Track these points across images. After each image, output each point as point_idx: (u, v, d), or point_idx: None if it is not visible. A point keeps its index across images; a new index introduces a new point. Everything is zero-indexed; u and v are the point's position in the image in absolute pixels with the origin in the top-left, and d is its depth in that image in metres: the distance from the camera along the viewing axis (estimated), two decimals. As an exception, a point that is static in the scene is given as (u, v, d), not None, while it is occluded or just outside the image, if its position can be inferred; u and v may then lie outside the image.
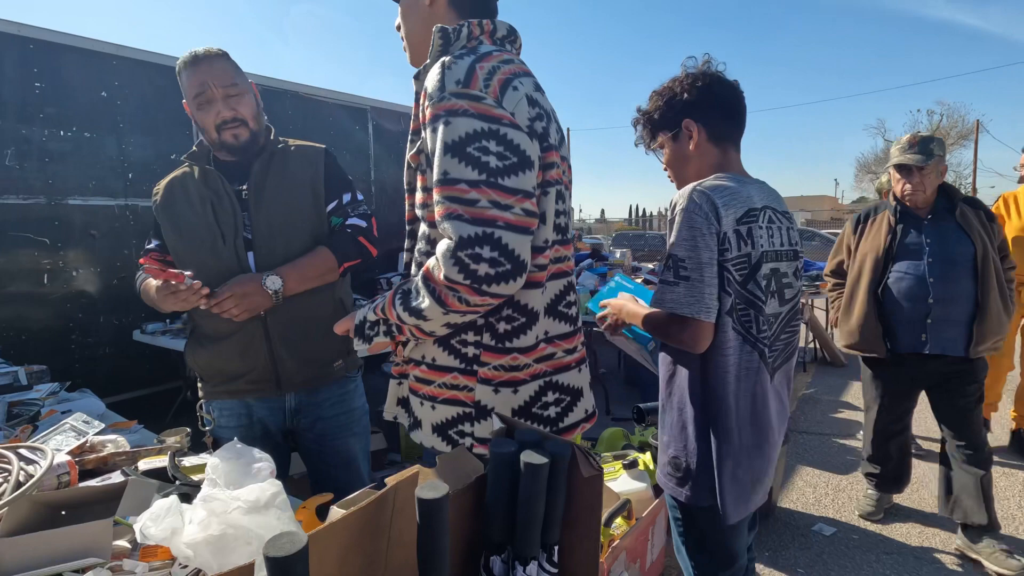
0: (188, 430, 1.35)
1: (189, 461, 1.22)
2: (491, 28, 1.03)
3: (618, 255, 5.22)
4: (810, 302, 5.32)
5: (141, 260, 1.59)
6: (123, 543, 0.87)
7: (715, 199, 1.13)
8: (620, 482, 2.04)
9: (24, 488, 0.90)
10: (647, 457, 2.16)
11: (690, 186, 1.17)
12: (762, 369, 1.19)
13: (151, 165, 3.74)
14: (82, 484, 1.04)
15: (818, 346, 5.55)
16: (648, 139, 1.34)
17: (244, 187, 1.53)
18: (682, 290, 1.12)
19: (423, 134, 0.96)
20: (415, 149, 1.00)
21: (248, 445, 0.94)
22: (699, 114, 1.25)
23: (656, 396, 2.70)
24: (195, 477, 1.13)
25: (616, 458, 2.19)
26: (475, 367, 1.00)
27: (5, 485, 0.93)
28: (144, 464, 1.20)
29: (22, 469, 0.97)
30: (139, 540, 0.81)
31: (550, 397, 1.05)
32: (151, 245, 1.63)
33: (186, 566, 0.79)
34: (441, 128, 0.89)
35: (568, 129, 31.06)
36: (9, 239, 3.18)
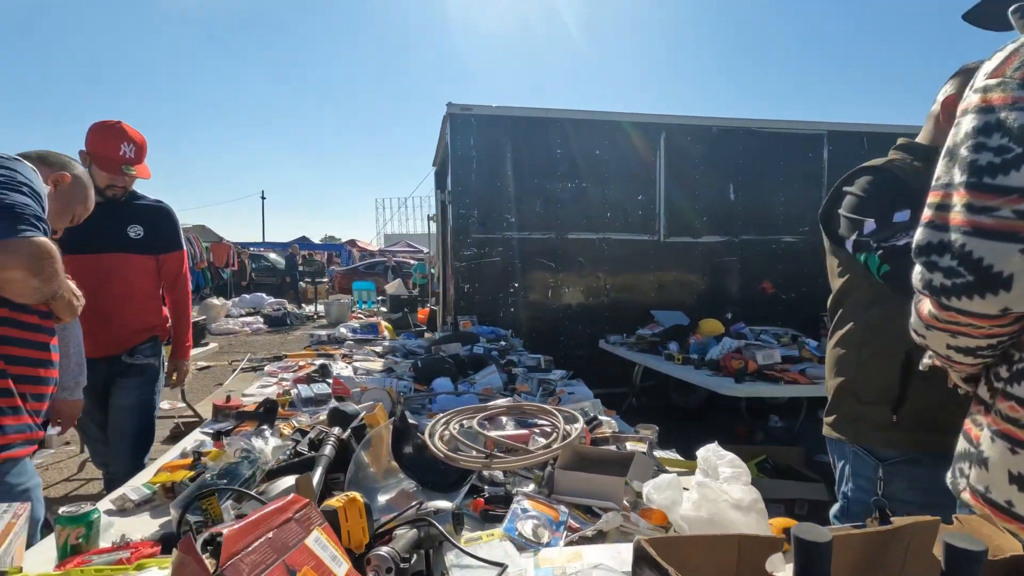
0: (656, 428, 1.61)
1: (657, 452, 1.47)
2: None
3: None
4: None
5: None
6: (627, 500, 1.14)
7: None
8: None
9: (569, 439, 1.29)
10: None
11: None
12: None
13: (623, 205, 4.56)
14: (596, 447, 1.41)
15: None
16: None
17: None
18: None
19: None
20: None
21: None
22: None
23: None
24: (667, 466, 1.36)
25: None
26: (992, 401, 0.82)
27: (555, 434, 1.36)
28: (629, 445, 1.52)
29: (565, 426, 1.39)
30: (644, 502, 1.05)
31: None
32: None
33: (676, 533, 0.97)
34: (952, 129, 0.77)
35: None
36: (534, 263, 4.47)
